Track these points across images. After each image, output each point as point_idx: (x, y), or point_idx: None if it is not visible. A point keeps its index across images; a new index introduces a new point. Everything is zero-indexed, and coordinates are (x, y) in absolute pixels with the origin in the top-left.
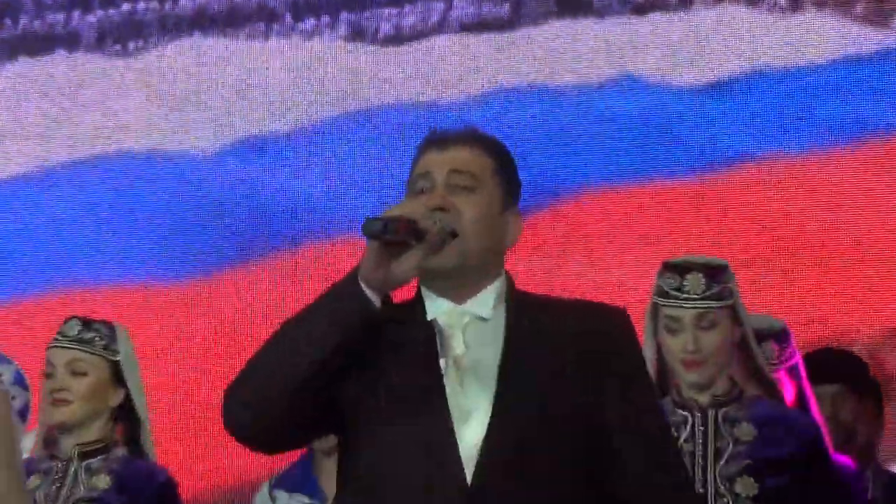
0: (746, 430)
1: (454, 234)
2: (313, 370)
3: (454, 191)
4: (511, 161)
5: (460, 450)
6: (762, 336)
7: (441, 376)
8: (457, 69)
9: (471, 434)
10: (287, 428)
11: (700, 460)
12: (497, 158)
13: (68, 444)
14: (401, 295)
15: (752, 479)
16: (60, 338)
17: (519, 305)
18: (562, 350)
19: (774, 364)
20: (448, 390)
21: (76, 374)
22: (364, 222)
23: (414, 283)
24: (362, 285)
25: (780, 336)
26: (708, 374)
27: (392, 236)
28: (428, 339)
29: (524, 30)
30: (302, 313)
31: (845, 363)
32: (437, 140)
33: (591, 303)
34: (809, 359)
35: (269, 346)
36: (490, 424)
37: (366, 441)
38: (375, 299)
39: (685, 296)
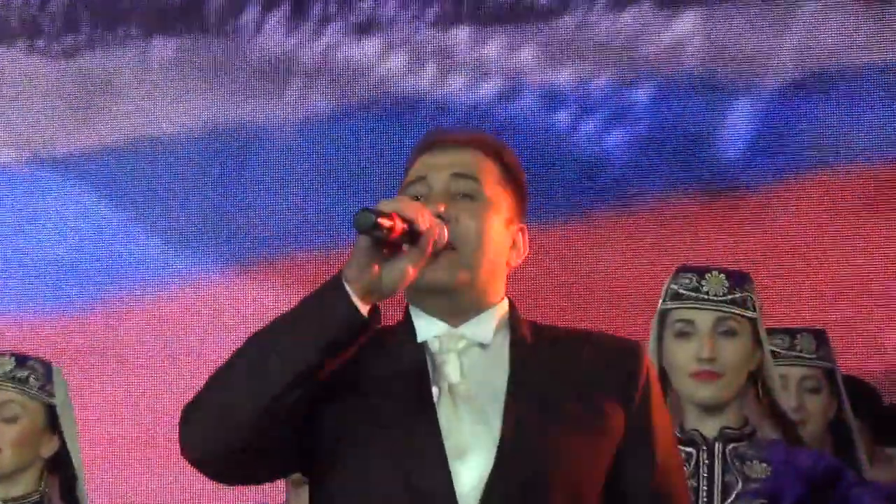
0: (759, 469)
1: (451, 247)
2: (287, 388)
3: (454, 198)
4: (520, 169)
5: (457, 496)
6: (796, 330)
7: (433, 406)
8: None
9: (469, 477)
10: (251, 458)
11: (704, 496)
12: (504, 165)
13: None
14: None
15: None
16: None
17: (525, 333)
18: (576, 386)
19: (809, 358)
20: (442, 423)
21: (6, 420)
22: (356, 214)
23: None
24: (348, 289)
25: (819, 333)
26: (722, 393)
27: (386, 234)
28: (418, 363)
29: None
30: (276, 322)
31: None
32: (437, 141)
33: (609, 336)
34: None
35: (236, 360)
36: (494, 468)
37: (342, 481)
38: (363, 308)
39: (704, 297)
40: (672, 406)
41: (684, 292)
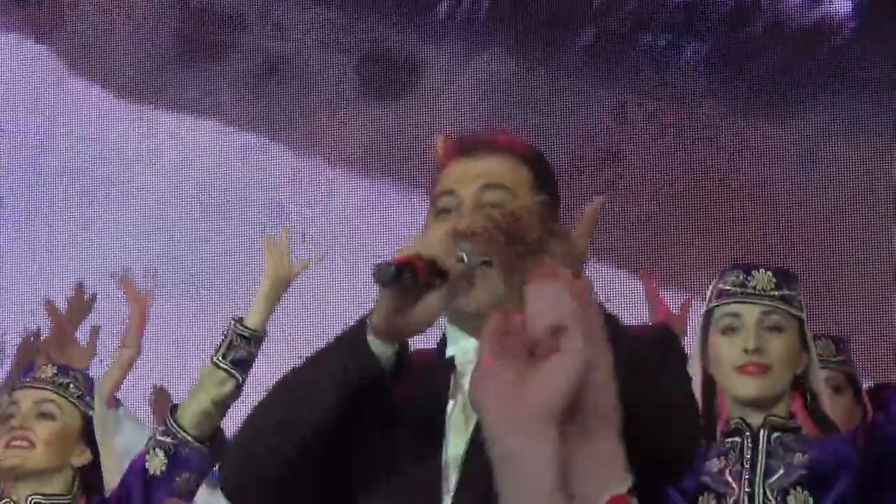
0: (801, 459)
1: (487, 264)
2: (314, 439)
3: (486, 210)
4: (551, 173)
5: None
6: (817, 335)
7: (441, 430)
8: None
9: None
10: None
11: (747, 474)
12: (536, 170)
13: (20, 496)
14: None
15: (806, 492)
16: (30, 380)
17: None
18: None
19: (830, 362)
20: (450, 442)
21: (43, 415)
22: (375, 269)
23: None
24: (370, 338)
25: (838, 339)
26: (770, 387)
27: (409, 282)
28: (442, 381)
29: None
30: (302, 368)
31: None
32: (464, 148)
33: (645, 327)
34: None
35: (264, 410)
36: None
37: None
38: (387, 350)
39: (750, 292)
40: (718, 407)
41: (730, 289)
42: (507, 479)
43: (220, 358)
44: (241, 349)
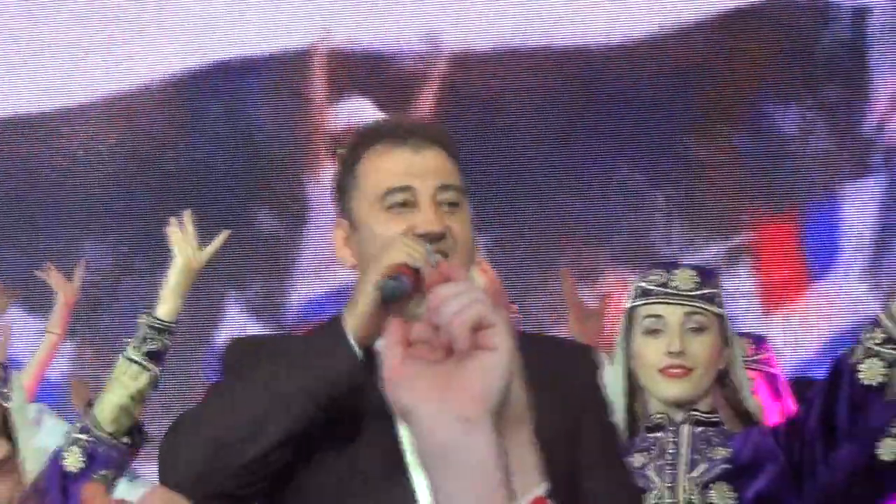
0: (724, 452)
1: (446, 258)
2: (285, 441)
3: (443, 208)
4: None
5: None
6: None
7: (396, 431)
8: None
9: None
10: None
11: (670, 469)
12: (458, 161)
13: None
14: None
15: (728, 486)
16: None
17: None
18: (536, 389)
19: (746, 360)
20: (409, 453)
21: None
22: (383, 287)
23: None
24: (351, 339)
25: (756, 338)
26: (692, 389)
27: (408, 291)
28: None
29: None
30: (273, 368)
31: None
32: (401, 136)
33: (563, 339)
34: None
35: (235, 400)
36: None
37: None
38: (360, 354)
39: (672, 292)
40: (641, 406)
41: (653, 288)
42: (447, 474)
43: (134, 351)
44: (154, 341)
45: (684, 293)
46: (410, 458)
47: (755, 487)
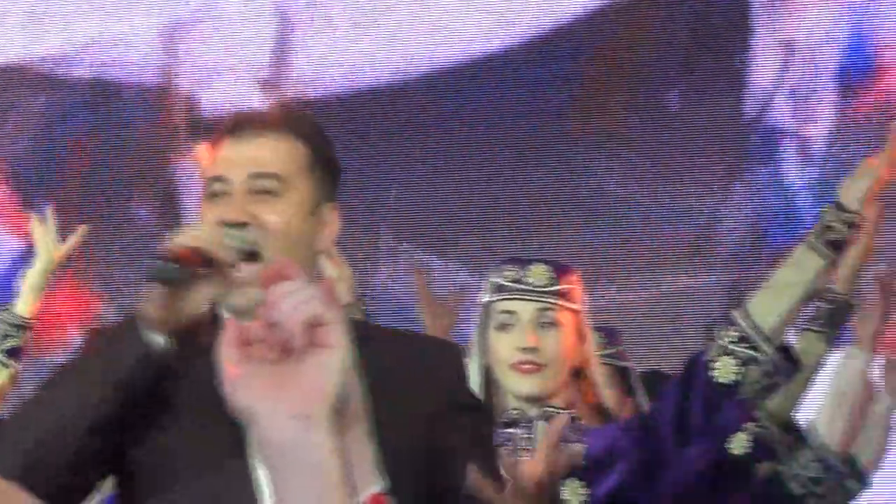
0: (578, 448)
1: (254, 254)
2: (89, 433)
3: (256, 197)
4: (330, 145)
5: None
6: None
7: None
8: None
9: None
10: (62, 489)
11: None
12: (313, 146)
13: None
14: None
15: (580, 482)
16: None
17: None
18: (394, 389)
19: (600, 355)
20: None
21: None
22: (149, 267)
23: None
24: (143, 330)
25: (610, 331)
26: (545, 385)
27: (175, 276)
28: None
29: None
30: (74, 363)
31: None
32: (235, 128)
33: (427, 337)
34: None
35: (34, 403)
36: None
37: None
38: (161, 341)
39: (526, 287)
40: (496, 402)
41: (506, 284)
42: (287, 472)
43: None
44: (14, 338)
45: (538, 289)
46: (253, 455)
47: (607, 484)
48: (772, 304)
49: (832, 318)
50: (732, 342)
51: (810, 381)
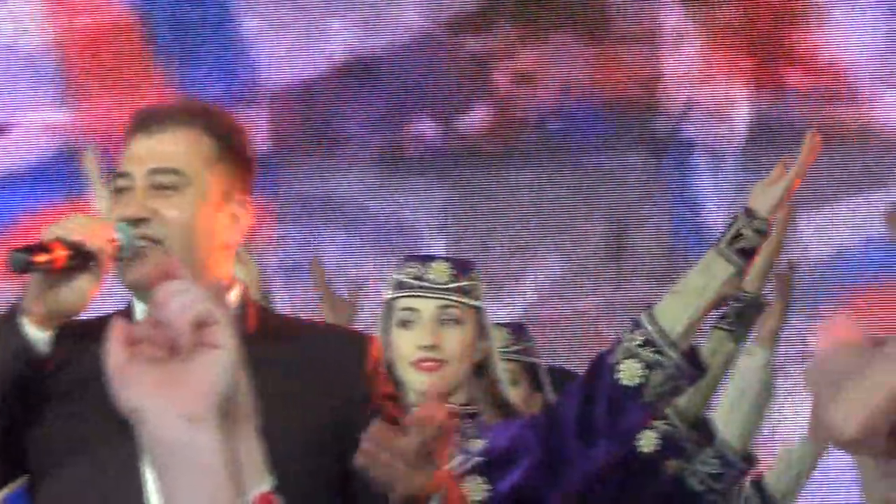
0: (479, 444)
1: (156, 242)
2: None
3: (157, 192)
4: (240, 138)
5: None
6: (495, 324)
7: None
8: None
9: None
10: None
11: None
12: (220, 139)
13: None
14: None
15: (482, 479)
16: None
17: (251, 323)
18: (299, 380)
19: (505, 352)
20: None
21: None
22: (8, 257)
23: None
24: (24, 320)
25: (516, 327)
26: (446, 381)
27: (48, 266)
28: None
29: None
30: None
31: None
32: (143, 122)
33: (337, 327)
34: None
35: None
36: None
37: (47, 490)
38: (42, 334)
39: (427, 284)
40: (402, 398)
41: (408, 280)
42: (175, 472)
43: None
44: None
45: (439, 286)
46: (141, 455)
47: (510, 479)
48: (679, 309)
49: (741, 316)
50: (638, 345)
51: (720, 379)
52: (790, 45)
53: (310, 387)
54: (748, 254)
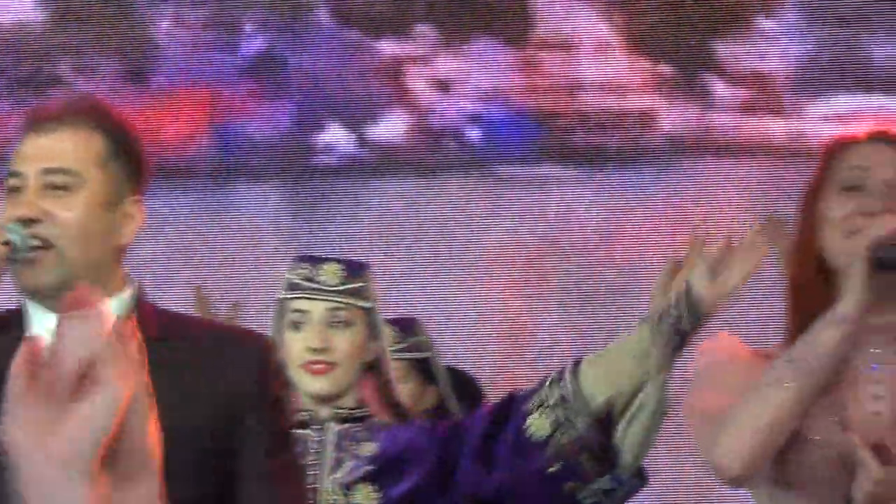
0: (369, 448)
1: (47, 245)
2: None
3: (49, 191)
4: (133, 137)
5: None
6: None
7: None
8: None
9: None
10: None
11: (314, 469)
12: (113, 138)
13: None
14: None
15: (372, 486)
16: None
17: (145, 325)
18: (193, 383)
19: (391, 350)
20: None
21: None
22: None
23: None
24: None
25: (404, 324)
26: (336, 384)
27: None
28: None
29: None
30: None
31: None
32: (36, 120)
33: (236, 329)
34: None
35: None
36: None
37: None
38: None
39: (317, 287)
40: (294, 401)
41: (299, 282)
42: None
43: None
44: None
45: (329, 288)
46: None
47: (401, 487)
48: (603, 381)
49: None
50: (554, 402)
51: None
52: (713, 54)
53: (208, 388)
54: (684, 336)
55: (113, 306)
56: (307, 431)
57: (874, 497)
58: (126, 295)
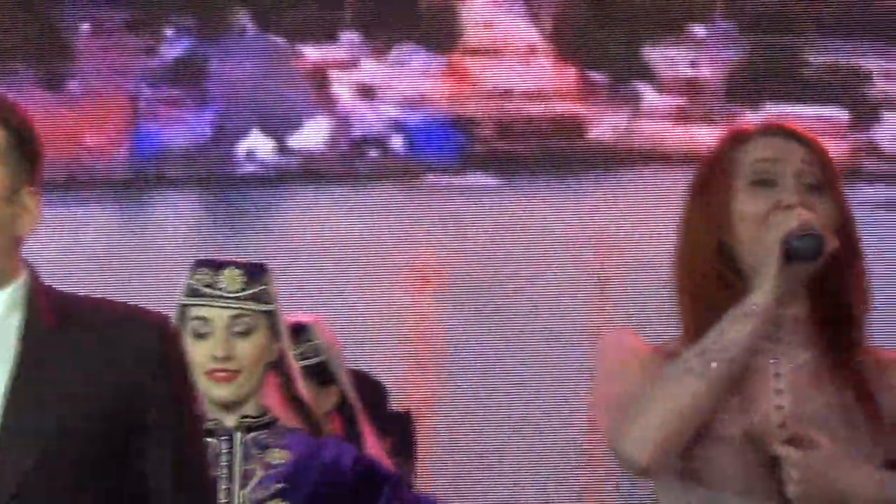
0: (278, 455)
1: None
2: None
3: None
4: (29, 130)
5: None
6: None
7: None
8: None
9: None
10: None
11: (225, 483)
12: (10, 130)
13: None
14: None
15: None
16: None
17: (43, 311)
18: (88, 366)
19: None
20: None
21: None
22: None
23: None
24: None
25: (294, 330)
26: (240, 390)
27: None
28: None
29: None
30: None
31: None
32: None
33: (132, 308)
34: None
35: None
36: None
37: None
38: None
39: (219, 293)
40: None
41: (200, 288)
42: None
43: None
44: None
45: (230, 295)
46: None
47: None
48: None
49: None
50: None
51: None
52: (644, 61)
53: (106, 373)
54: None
55: (9, 290)
56: (214, 441)
57: (803, 485)
58: (19, 283)
